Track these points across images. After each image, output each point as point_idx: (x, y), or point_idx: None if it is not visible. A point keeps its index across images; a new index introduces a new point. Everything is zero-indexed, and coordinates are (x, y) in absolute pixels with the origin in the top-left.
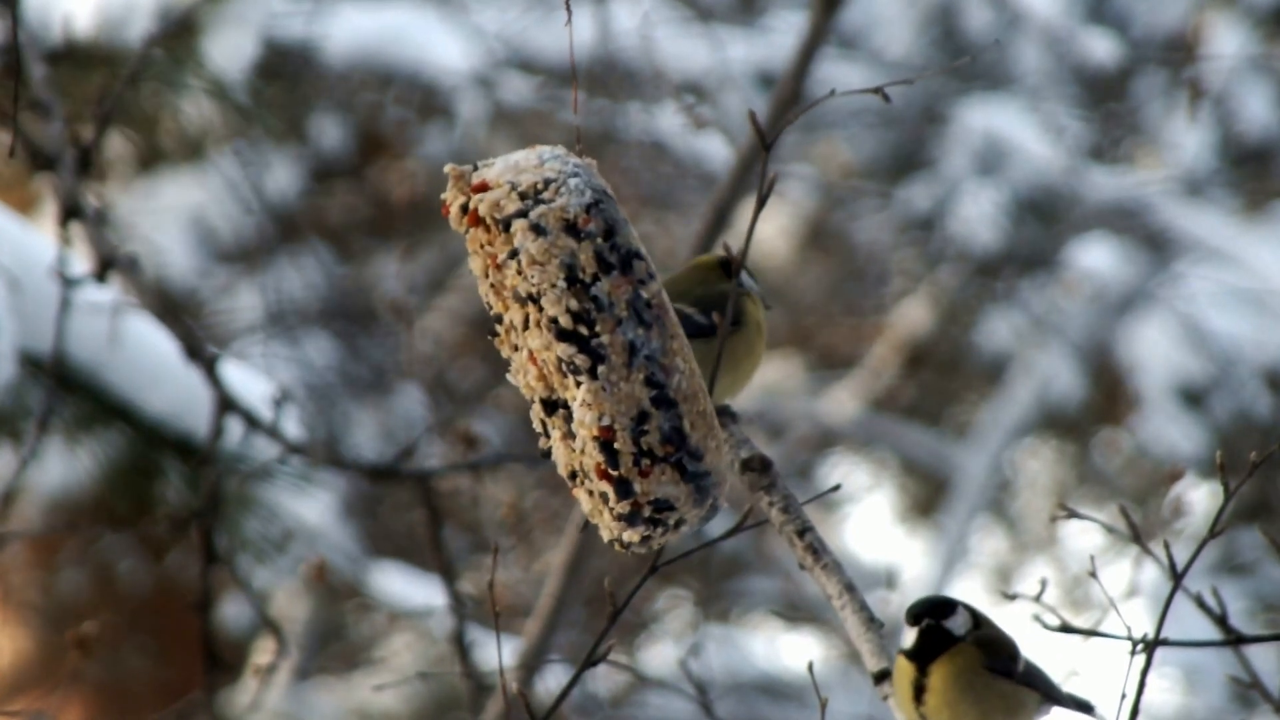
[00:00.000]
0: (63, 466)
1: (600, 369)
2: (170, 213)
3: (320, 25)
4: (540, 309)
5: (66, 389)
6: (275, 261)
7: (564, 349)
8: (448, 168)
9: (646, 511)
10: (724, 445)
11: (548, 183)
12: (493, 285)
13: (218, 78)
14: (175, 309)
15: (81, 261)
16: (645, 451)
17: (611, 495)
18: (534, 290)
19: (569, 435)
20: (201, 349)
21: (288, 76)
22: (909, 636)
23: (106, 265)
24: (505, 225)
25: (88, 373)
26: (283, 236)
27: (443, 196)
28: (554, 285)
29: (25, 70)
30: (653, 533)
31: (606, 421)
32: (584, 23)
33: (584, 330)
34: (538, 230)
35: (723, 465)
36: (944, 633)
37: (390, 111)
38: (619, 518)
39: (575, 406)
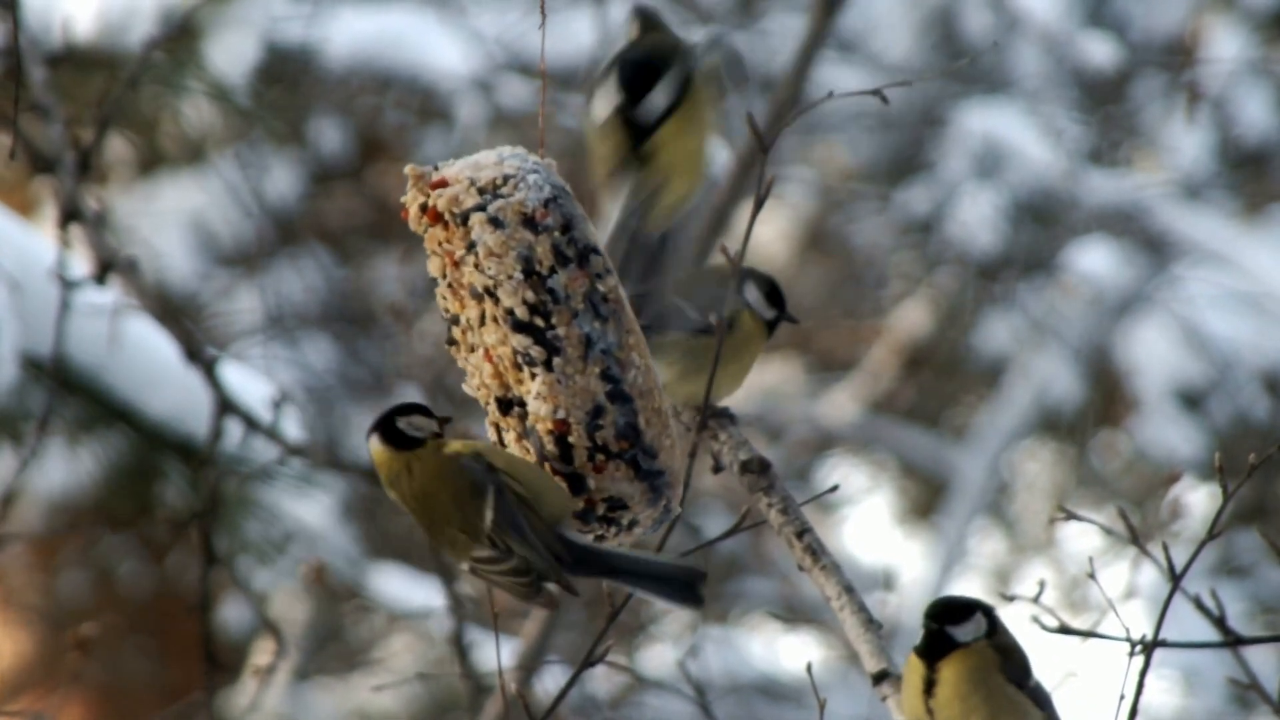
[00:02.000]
0: (63, 468)
1: (556, 361)
2: (170, 215)
3: (320, 29)
4: (497, 302)
5: (67, 391)
6: (275, 264)
7: (520, 340)
8: (408, 169)
9: (600, 509)
10: (678, 447)
11: (506, 178)
12: (450, 285)
13: (219, 81)
14: (175, 311)
15: (81, 264)
16: (600, 446)
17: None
18: (490, 283)
19: (524, 435)
20: (201, 351)
21: (288, 80)
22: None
23: (106, 268)
24: (463, 219)
25: (88, 375)
26: (282, 239)
27: (402, 200)
28: (510, 277)
29: (26, 73)
30: (606, 532)
31: (561, 415)
32: (584, 25)
33: (540, 322)
34: (495, 223)
35: (677, 466)
36: (946, 638)
37: (389, 115)
38: (572, 516)
39: (530, 400)
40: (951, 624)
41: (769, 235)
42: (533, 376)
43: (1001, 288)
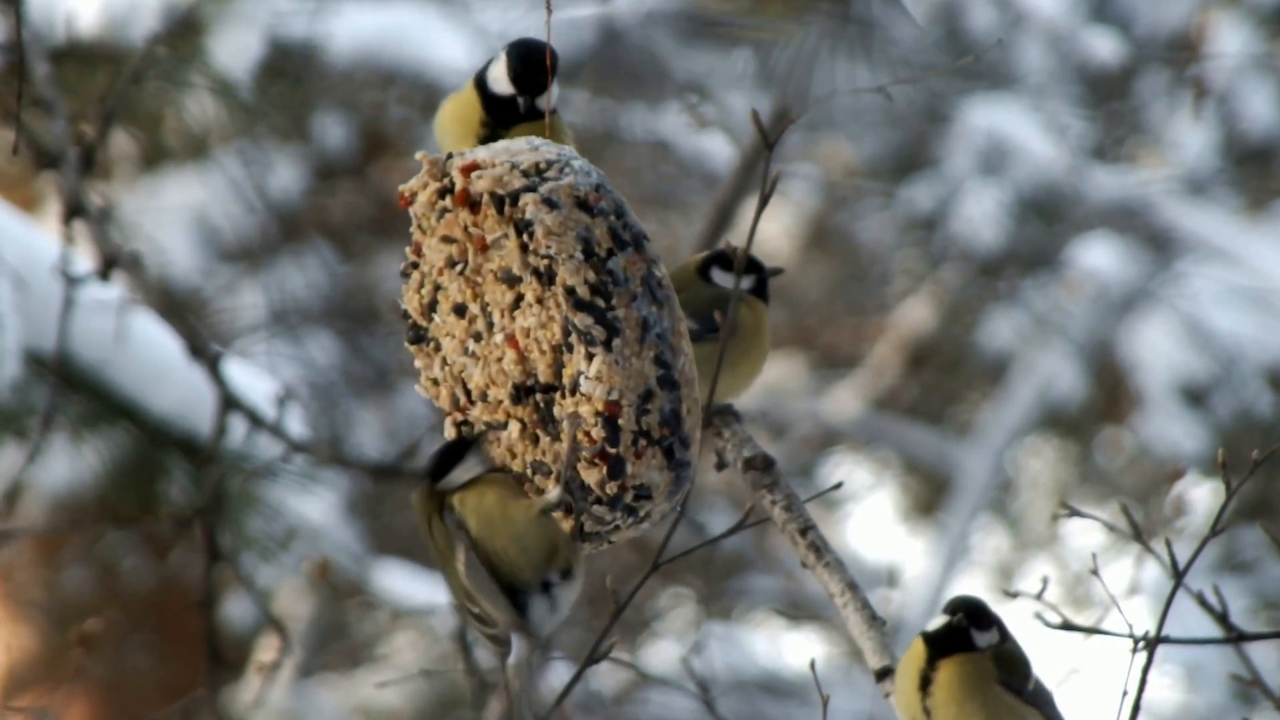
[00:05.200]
0: (67, 465)
1: (615, 342)
2: (173, 211)
3: (324, 24)
4: (546, 284)
5: (71, 387)
6: (278, 260)
7: (582, 319)
8: (419, 155)
9: (628, 497)
10: (701, 443)
11: (549, 163)
12: (463, 274)
13: (222, 76)
14: (178, 307)
15: (85, 260)
16: (643, 431)
17: (605, 475)
18: (542, 264)
19: (542, 423)
20: (205, 347)
21: (291, 75)
22: (937, 621)
23: (110, 264)
24: (512, 199)
25: (92, 371)
26: (286, 235)
27: (401, 188)
28: (571, 256)
29: (29, 68)
30: (622, 522)
31: (615, 396)
32: (586, 24)
33: (601, 302)
34: (550, 204)
35: (697, 462)
36: (966, 638)
37: (393, 110)
38: (598, 501)
39: (584, 381)
40: (977, 627)
41: (773, 232)
42: (589, 357)
43: (1005, 284)
